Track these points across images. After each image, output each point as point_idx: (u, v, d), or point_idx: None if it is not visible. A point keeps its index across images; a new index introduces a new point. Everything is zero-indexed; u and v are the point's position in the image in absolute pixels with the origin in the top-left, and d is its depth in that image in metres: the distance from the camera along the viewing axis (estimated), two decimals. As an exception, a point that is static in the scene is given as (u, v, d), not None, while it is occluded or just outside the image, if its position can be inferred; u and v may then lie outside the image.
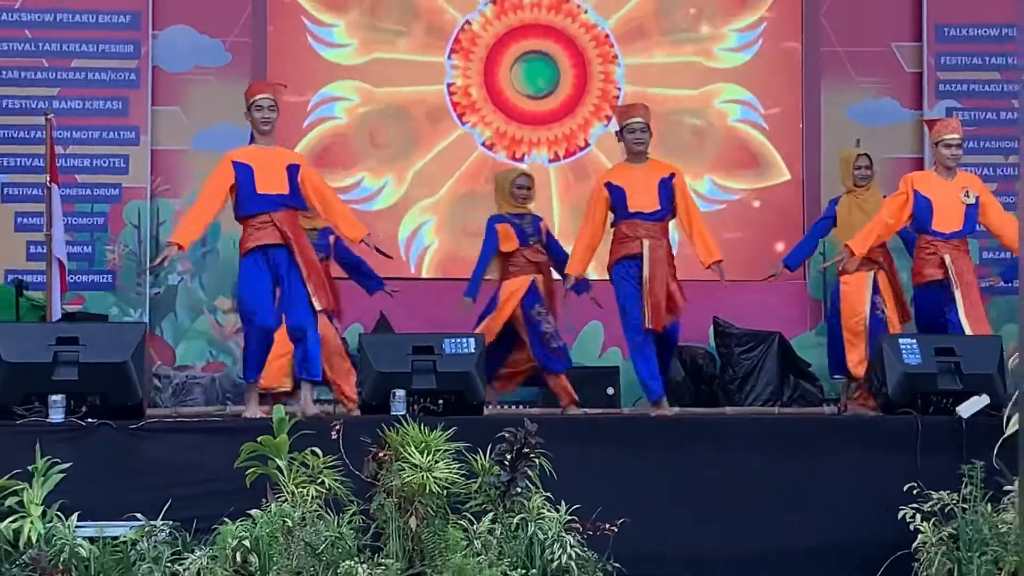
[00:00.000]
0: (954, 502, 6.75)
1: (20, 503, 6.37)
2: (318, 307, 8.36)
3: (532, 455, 6.60)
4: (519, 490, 6.59)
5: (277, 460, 6.52)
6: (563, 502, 6.62)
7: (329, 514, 6.45)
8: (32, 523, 6.28)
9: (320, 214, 8.62)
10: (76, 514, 6.43)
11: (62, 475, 6.47)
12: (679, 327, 9.09)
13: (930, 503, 6.77)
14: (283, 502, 6.43)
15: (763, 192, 12.03)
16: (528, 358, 9.71)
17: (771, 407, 10.85)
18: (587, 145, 11.97)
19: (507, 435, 6.61)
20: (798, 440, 7.52)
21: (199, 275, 11.62)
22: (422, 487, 6.39)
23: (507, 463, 6.59)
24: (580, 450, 7.17)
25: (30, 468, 6.46)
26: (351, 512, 6.50)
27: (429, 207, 11.88)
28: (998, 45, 11.96)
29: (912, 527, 6.74)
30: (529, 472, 6.61)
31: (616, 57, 12.04)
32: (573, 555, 6.43)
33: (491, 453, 6.64)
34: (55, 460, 6.50)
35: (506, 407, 10.27)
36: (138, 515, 6.55)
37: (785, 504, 7.24)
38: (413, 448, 6.49)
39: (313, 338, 8.32)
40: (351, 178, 11.55)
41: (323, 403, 8.96)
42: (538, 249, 9.79)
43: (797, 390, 11.26)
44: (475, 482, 6.60)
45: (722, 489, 7.25)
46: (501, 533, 6.46)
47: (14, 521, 6.32)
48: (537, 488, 6.62)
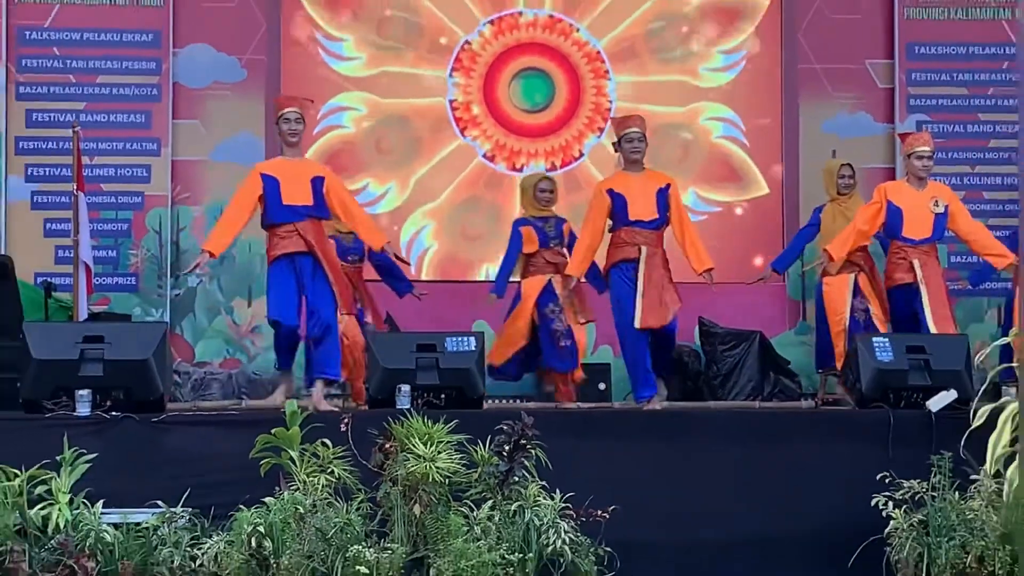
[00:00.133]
0: (924, 490, 6.75)
1: (49, 491, 6.38)
2: (345, 311, 8.43)
3: (529, 446, 6.61)
4: (516, 479, 6.59)
5: (290, 451, 6.53)
6: (558, 490, 6.63)
7: (338, 502, 6.46)
8: (60, 510, 6.29)
9: (344, 223, 8.65)
10: (101, 501, 6.45)
11: (88, 465, 6.49)
12: (675, 329, 9.07)
13: (901, 491, 6.77)
14: (295, 490, 6.44)
15: (742, 204, 12.03)
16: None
17: (752, 401, 10.83)
18: (581, 155, 11.97)
19: (505, 427, 6.62)
20: (778, 432, 7.53)
21: (217, 278, 11.61)
22: (425, 476, 6.40)
23: (505, 454, 6.60)
24: (574, 442, 7.17)
25: (58, 458, 6.47)
26: (359, 500, 6.51)
27: (429, 212, 11.86)
28: (965, 63, 11.96)
29: (884, 514, 6.74)
30: (526, 462, 6.62)
31: (607, 72, 12.05)
32: (567, 540, 6.44)
33: (490, 444, 6.65)
34: (81, 451, 6.51)
35: (503, 401, 10.26)
36: (159, 502, 6.57)
37: (766, 492, 7.24)
38: (417, 440, 6.50)
39: (333, 340, 8.35)
40: (357, 183, 11.52)
41: (334, 398, 8.96)
42: (558, 251, 9.76)
43: (777, 385, 11.26)
44: (475, 472, 6.61)
45: (707, 478, 7.25)
46: (500, 519, 6.46)
47: (43, 508, 6.33)
48: (533, 477, 6.63)
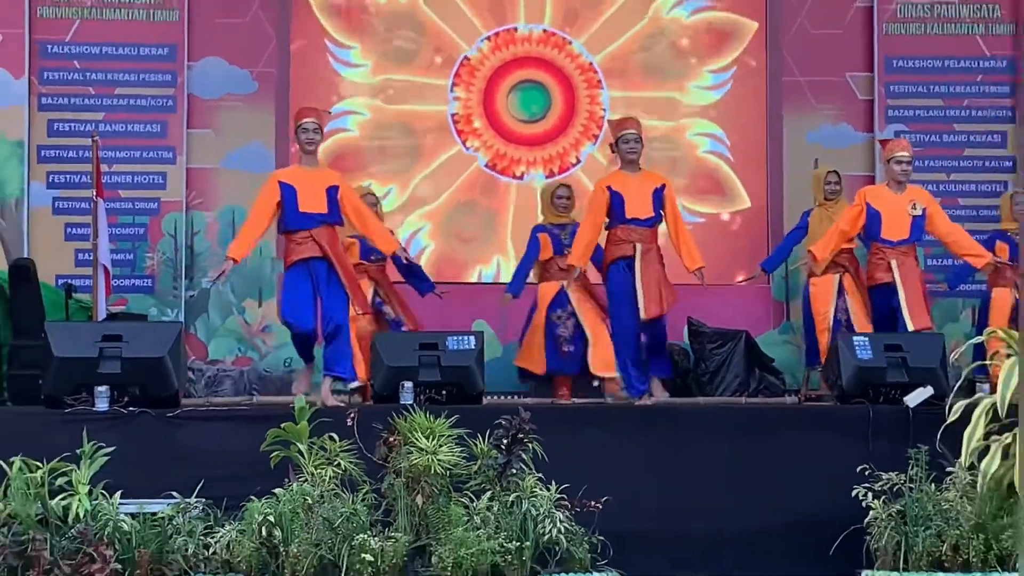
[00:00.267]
0: (902, 482, 6.74)
1: (69, 483, 6.37)
2: (359, 311, 8.42)
3: (526, 440, 6.60)
4: (514, 471, 6.58)
5: (298, 444, 6.52)
6: (553, 482, 6.62)
7: (345, 492, 6.46)
8: (80, 500, 6.28)
9: (357, 229, 8.65)
10: (119, 492, 6.44)
11: (106, 458, 6.47)
12: (665, 327, 9.02)
13: (880, 483, 6.76)
14: (304, 482, 6.43)
15: (723, 220, 12.02)
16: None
17: (739, 397, 10.82)
18: (578, 161, 11.97)
19: (503, 422, 6.62)
20: (763, 427, 7.53)
21: (229, 279, 11.58)
22: (428, 468, 6.40)
23: (503, 447, 6.59)
24: (569, 436, 7.16)
25: (78, 452, 6.46)
26: (364, 491, 6.50)
27: (427, 214, 11.84)
28: (941, 76, 11.96)
29: (864, 504, 6.73)
30: (523, 455, 6.61)
31: (600, 82, 12.04)
32: (562, 529, 6.43)
33: (489, 438, 6.64)
34: (100, 444, 6.50)
35: (502, 397, 10.24)
36: (174, 493, 6.56)
37: (752, 484, 7.24)
38: (420, 434, 6.50)
39: (343, 339, 8.35)
40: (360, 183, 11.52)
41: (340, 395, 8.95)
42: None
43: (762, 382, 11.23)
44: (475, 464, 6.60)
45: (695, 470, 7.25)
46: (498, 510, 6.45)
47: (64, 499, 6.32)
48: (530, 470, 6.62)
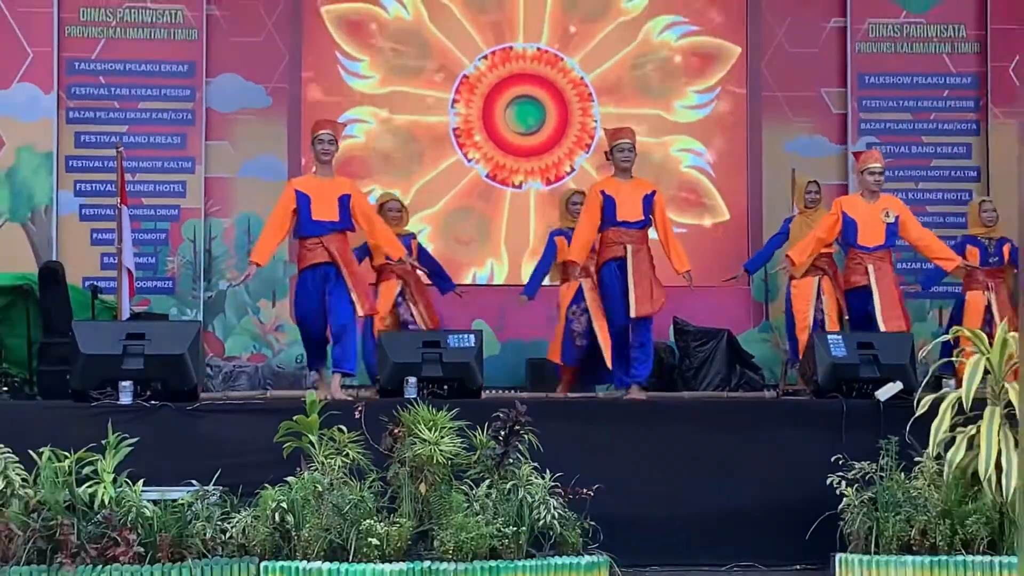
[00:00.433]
0: (873, 471, 6.73)
1: (95, 471, 6.35)
2: (361, 312, 8.43)
3: (522, 431, 6.59)
4: (511, 461, 6.57)
5: (310, 436, 6.52)
6: (548, 471, 6.60)
7: (352, 481, 6.45)
8: (105, 488, 6.27)
9: (367, 234, 8.65)
10: (141, 481, 6.41)
11: (130, 448, 6.46)
12: (650, 331, 8.91)
13: (853, 472, 6.74)
14: (314, 471, 6.43)
15: (703, 230, 12.02)
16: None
17: (721, 392, 10.83)
18: (573, 170, 11.99)
19: (501, 415, 6.60)
20: (743, 420, 7.51)
21: (242, 284, 11.60)
22: (430, 458, 6.39)
23: (501, 438, 6.58)
24: (563, 427, 7.14)
25: (103, 442, 6.44)
26: (371, 479, 6.49)
27: (427, 217, 11.86)
28: (910, 91, 11.99)
29: (838, 492, 6.71)
30: (519, 446, 6.60)
31: (592, 98, 12.05)
32: (556, 515, 6.42)
33: (488, 430, 6.63)
34: (124, 436, 6.48)
35: (500, 392, 10.25)
36: (193, 482, 6.53)
37: (733, 473, 7.21)
38: (423, 426, 6.49)
39: (349, 338, 8.35)
40: (364, 188, 11.44)
41: (349, 388, 8.95)
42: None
43: (743, 378, 11.25)
44: (474, 454, 6.58)
45: (680, 460, 7.23)
46: (496, 497, 6.44)
47: (90, 487, 6.31)
48: (526, 459, 6.60)
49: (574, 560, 6.39)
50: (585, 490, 6.58)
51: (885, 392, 7.36)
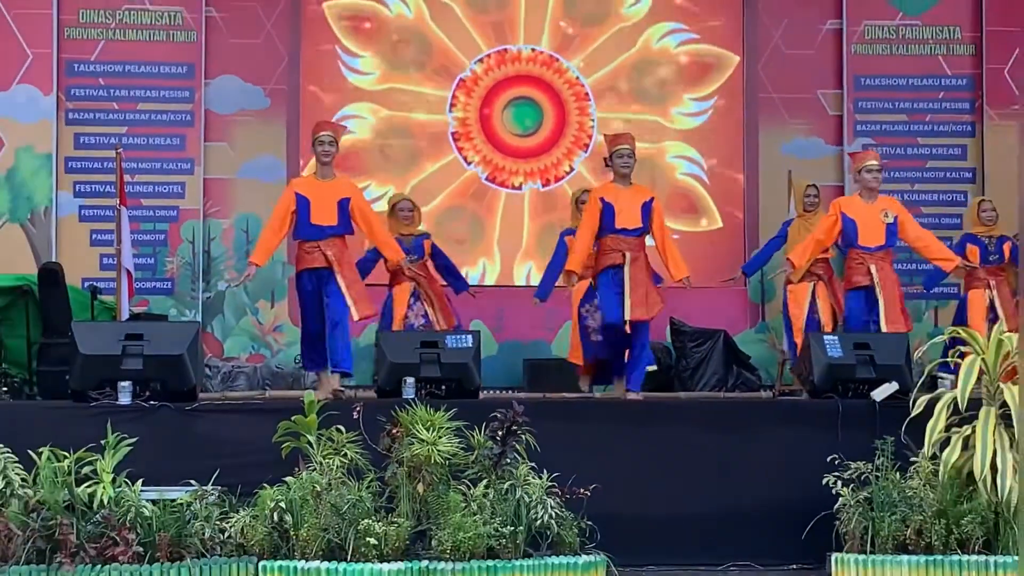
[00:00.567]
0: (869, 471, 6.74)
1: (94, 471, 6.36)
2: (357, 316, 8.42)
3: (519, 432, 6.59)
4: (508, 461, 6.58)
5: (308, 436, 6.52)
6: (545, 471, 6.61)
7: (351, 481, 6.45)
8: (104, 488, 6.27)
9: (367, 237, 8.64)
10: (140, 480, 6.42)
11: (129, 448, 6.46)
12: (646, 341, 8.79)
13: (849, 472, 6.75)
14: (313, 471, 6.43)
15: (698, 234, 12.03)
16: None
17: (717, 392, 10.83)
18: (572, 170, 11.99)
19: (498, 415, 6.61)
20: (740, 419, 7.51)
21: (241, 284, 11.60)
22: (428, 458, 6.39)
23: (498, 438, 6.58)
24: (559, 428, 7.14)
25: (103, 442, 6.45)
26: (369, 479, 6.50)
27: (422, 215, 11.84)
28: (906, 93, 12.00)
29: (834, 491, 6.72)
30: (517, 446, 6.60)
31: (589, 102, 12.06)
32: (553, 515, 6.42)
33: (485, 430, 6.63)
34: (123, 436, 6.49)
35: (497, 392, 10.24)
36: (192, 481, 6.54)
37: (729, 473, 7.22)
38: (421, 426, 6.50)
39: (345, 339, 8.34)
40: (359, 184, 11.45)
41: (346, 388, 8.94)
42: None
43: (739, 378, 11.25)
44: (472, 454, 6.59)
45: (677, 460, 7.23)
46: (493, 496, 6.45)
47: (89, 487, 6.31)
48: (523, 459, 6.61)
49: (571, 560, 6.39)
50: (582, 490, 6.59)
51: (881, 392, 7.36)
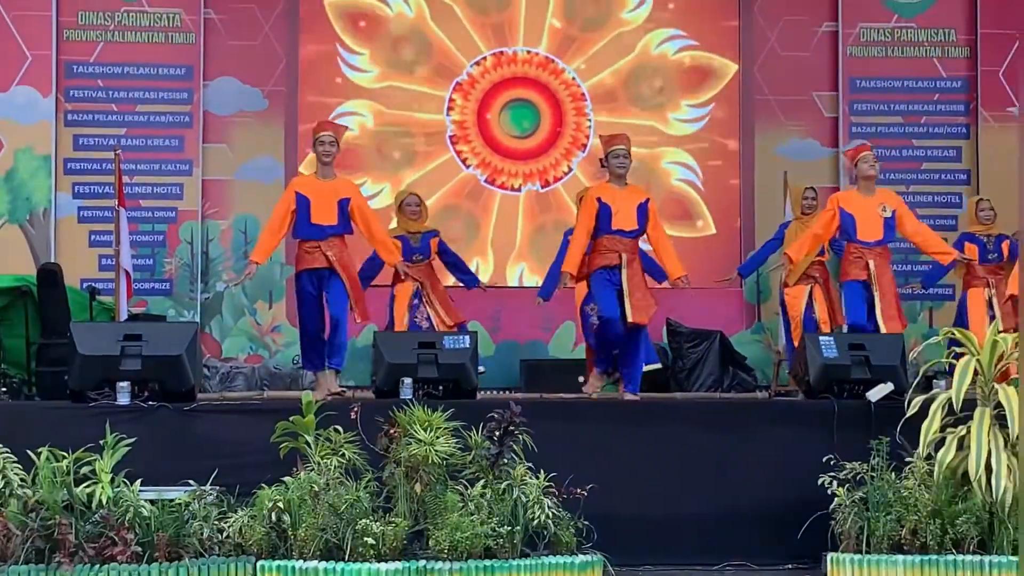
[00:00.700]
0: (864, 471, 6.73)
1: (93, 471, 6.34)
2: (360, 319, 8.41)
3: (516, 432, 6.59)
4: (505, 461, 6.57)
5: (306, 436, 6.51)
6: (542, 471, 6.60)
7: (348, 481, 6.44)
8: (103, 488, 6.26)
9: (366, 238, 8.62)
10: (139, 480, 6.41)
11: (128, 448, 6.45)
12: (641, 343, 8.64)
13: (844, 472, 6.75)
14: (311, 471, 6.42)
15: (693, 240, 12.01)
16: None
17: (713, 392, 10.83)
18: (569, 171, 11.99)
19: (496, 415, 6.60)
20: (736, 420, 7.52)
21: (241, 283, 11.59)
22: (426, 458, 6.38)
23: (496, 439, 6.58)
24: (557, 428, 7.14)
25: (101, 442, 6.44)
26: (367, 479, 6.48)
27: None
28: (901, 95, 12.01)
29: (829, 491, 6.71)
30: (514, 446, 6.59)
31: (587, 106, 12.06)
32: (550, 515, 6.42)
33: (482, 430, 6.62)
34: (122, 436, 6.48)
35: (495, 392, 10.23)
36: (191, 482, 6.53)
37: (725, 473, 7.22)
38: (418, 426, 6.49)
39: (342, 335, 8.34)
40: (356, 180, 11.41)
41: (345, 387, 8.93)
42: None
43: (735, 378, 11.25)
44: (469, 454, 6.58)
45: (673, 460, 7.23)
46: (491, 496, 6.44)
47: (88, 487, 6.30)
48: (520, 459, 6.60)
49: (568, 559, 6.39)
50: (579, 490, 6.58)
51: (876, 393, 7.36)
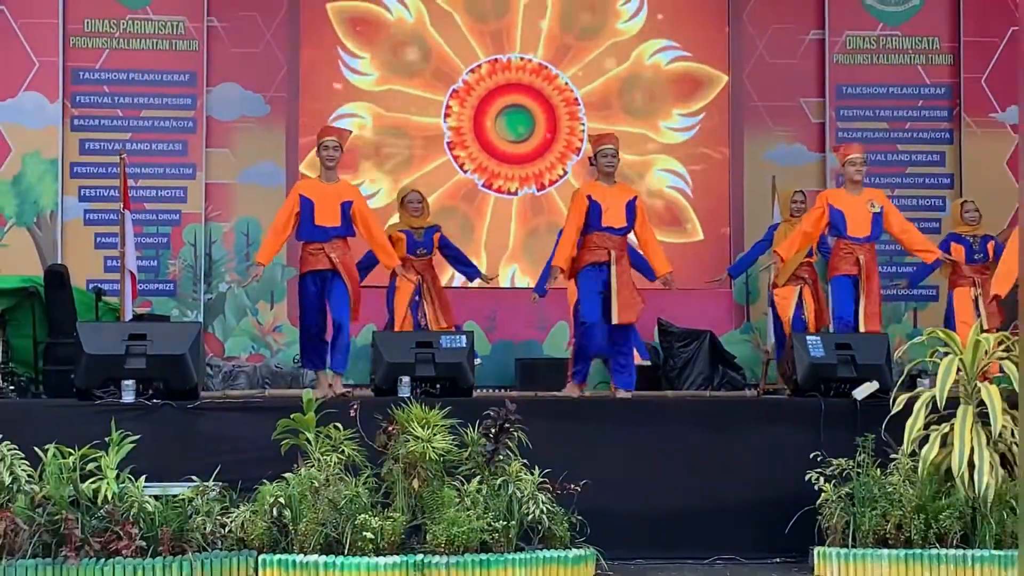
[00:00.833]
0: (850, 467, 6.74)
1: (98, 467, 6.34)
2: (357, 319, 8.44)
3: (512, 429, 6.59)
4: (501, 458, 6.57)
5: (306, 433, 6.52)
6: (536, 467, 6.60)
7: (348, 477, 6.44)
8: (108, 484, 6.26)
9: (366, 240, 8.64)
10: (143, 476, 6.41)
11: (132, 445, 6.44)
12: (631, 340, 8.74)
13: (831, 468, 6.75)
14: (311, 467, 6.43)
15: (681, 246, 12.03)
16: None
17: (703, 391, 10.85)
18: (565, 173, 12.02)
19: (491, 413, 6.61)
20: (725, 418, 7.50)
21: (248, 285, 11.61)
22: (423, 455, 6.39)
23: (491, 436, 6.58)
24: (551, 425, 7.14)
25: (106, 439, 6.44)
26: (365, 475, 6.49)
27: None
28: (886, 101, 12.05)
29: (816, 487, 6.72)
30: (509, 443, 6.59)
31: (577, 101, 12.09)
32: (544, 510, 6.42)
33: (479, 427, 6.63)
34: (127, 433, 6.48)
35: (491, 391, 10.25)
36: (194, 477, 6.54)
37: (715, 469, 7.21)
38: (416, 423, 6.49)
39: (345, 337, 8.36)
40: (354, 181, 11.45)
41: (352, 388, 8.96)
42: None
43: (725, 377, 11.28)
44: (466, 451, 6.58)
45: (664, 457, 7.23)
46: (486, 492, 6.44)
47: (94, 482, 6.30)
48: (516, 456, 6.60)
49: (562, 553, 6.40)
50: (572, 486, 6.58)
51: (862, 391, 7.37)
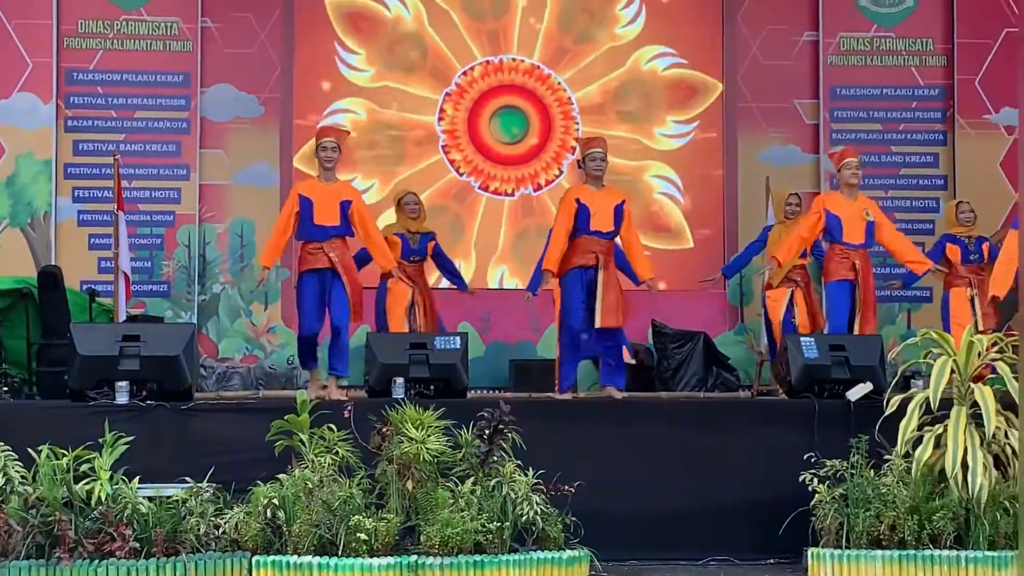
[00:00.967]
0: (844, 468, 6.74)
1: (92, 469, 6.32)
2: (354, 321, 8.42)
3: (506, 430, 6.58)
4: (495, 459, 6.57)
5: (300, 434, 6.51)
6: (531, 468, 6.60)
7: (342, 478, 6.43)
8: (102, 485, 6.24)
9: (363, 241, 8.62)
10: (137, 478, 6.39)
11: (126, 446, 6.43)
12: (621, 342, 8.66)
13: (825, 469, 6.75)
14: (305, 468, 6.41)
15: (670, 252, 12.02)
16: None
17: (697, 392, 10.85)
18: (560, 173, 12.02)
19: (485, 414, 6.60)
20: (719, 419, 7.51)
21: (238, 285, 11.59)
22: (417, 456, 6.38)
23: (485, 437, 6.57)
24: (545, 427, 7.14)
25: (100, 440, 6.42)
26: (360, 476, 6.48)
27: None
28: (880, 103, 12.05)
29: (810, 488, 6.72)
30: (503, 444, 6.59)
31: (571, 102, 12.08)
32: (538, 511, 6.41)
33: (472, 429, 6.62)
34: (120, 434, 6.46)
35: (485, 392, 10.24)
36: (187, 479, 6.52)
37: (709, 471, 7.22)
38: (410, 425, 6.48)
39: (344, 339, 8.35)
40: (346, 177, 11.40)
41: (346, 389, 8.93)
42: None
43: (719, 378, 11.27)
44: (460, 452, 6.57)
45: (658, 458, 7.23)
46: (480, 493, 6.43)
47: (87, 484, 6.28)
48: (510, 457, 6.59)
49: (556, 554, 6.38)
50: (566, 487, 6.58)
51: (855, 392, 7.37)
